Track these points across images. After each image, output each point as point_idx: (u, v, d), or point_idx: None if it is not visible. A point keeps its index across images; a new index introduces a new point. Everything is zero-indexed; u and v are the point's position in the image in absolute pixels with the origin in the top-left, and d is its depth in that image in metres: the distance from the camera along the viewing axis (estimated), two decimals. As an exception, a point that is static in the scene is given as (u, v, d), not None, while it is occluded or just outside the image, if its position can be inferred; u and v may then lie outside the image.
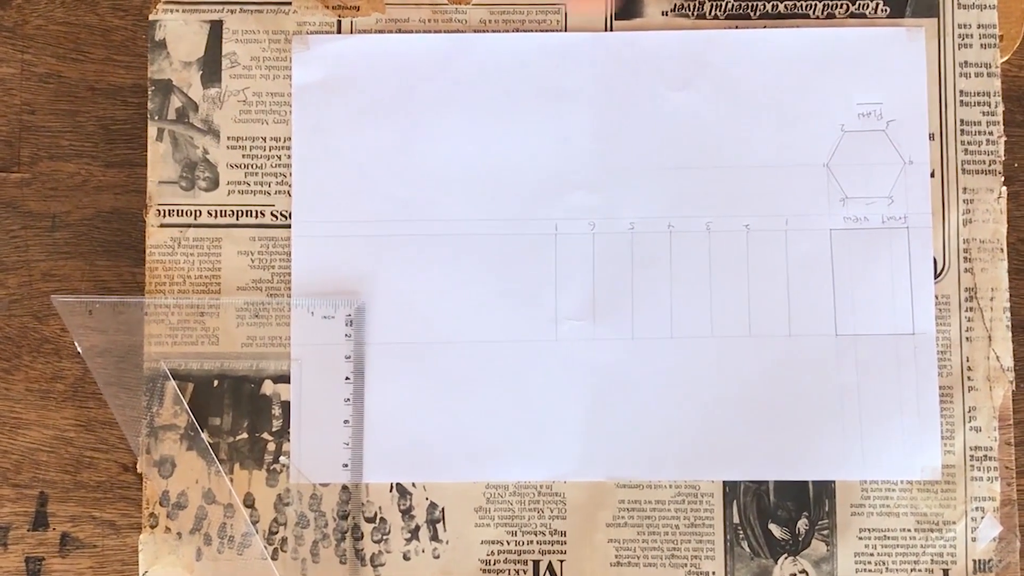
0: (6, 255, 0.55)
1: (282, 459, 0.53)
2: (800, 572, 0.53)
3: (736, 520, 0.53)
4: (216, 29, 0.55)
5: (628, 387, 0.53)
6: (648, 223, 0.54)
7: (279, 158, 0.54)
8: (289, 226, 0.54)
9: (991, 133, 0.54)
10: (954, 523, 0.53)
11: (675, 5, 0.54)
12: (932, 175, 0.54)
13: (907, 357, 0.53)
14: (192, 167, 0.54)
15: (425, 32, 0.55)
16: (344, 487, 0.53)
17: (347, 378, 0.53)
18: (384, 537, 0.53)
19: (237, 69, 0.54)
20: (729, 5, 0.54)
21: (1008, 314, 0.53)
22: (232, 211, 0.54)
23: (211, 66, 0.55)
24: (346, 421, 0.53)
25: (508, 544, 0.53)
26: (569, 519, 0.53)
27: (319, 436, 0.53)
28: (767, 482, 0.53)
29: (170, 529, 0.53)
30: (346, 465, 0.53)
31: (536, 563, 0.53)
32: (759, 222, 0.54)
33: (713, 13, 0.54)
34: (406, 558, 0.53)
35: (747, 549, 0.53)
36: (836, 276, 0.53)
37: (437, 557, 0.53)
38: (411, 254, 0.54)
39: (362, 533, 0.53)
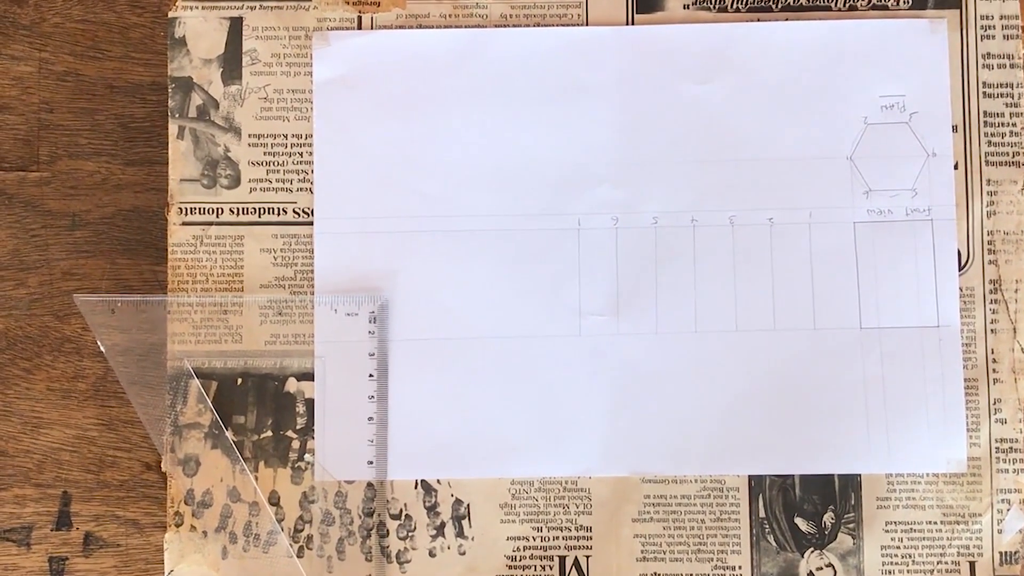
0: (26, 254, 0.55)
1: (307, 457, 0.53)
2: (827, 566, 0.53)
3: (762, 514, 0.53)
4: (236, 26, 0.54)
5: (652, 382, 0.53)
6: (671, 217, 0.54)
7: (301, 155, 0.54)
8: (311, 223, 0.54)
9: (1014, 124, 0.54)
10: (980, 515, 0.53)
11: (697, -2, 0.54)
12: (956, 167, 0.54)
13: (932, 349, 0.53)
14: (213, 165, 0.54)
15: (446, 27, 0.54)
16: (369, 484, 0.53)
17: (371, 375, 0.53)
18: (410, 534, 0.53)
19: (258, 66, 0.54)
20: (751, -2, 0.54)
21: (1033, 306, 0.53)
22: (254, 208, 0.54)
23: (231, 63, 0.54)
24: (370, 418, 0.53)
25: (534, 540, 0.53)
26: (595, 514, 0.53)
27: (344, 433, 0.53)
28: (792, 476, 0.53)
29: (195, 528, 0.53)
30: (371, 462, 0.53)
31: (562, 559, 0.53)
32: (783, 215, 0.53)
33: (735, 6, 0.54)
34: (432, 555, 0.53)
35: (773, 543, 0.53)
36: (860, 269, 0.53)
37: (463, 554, 0.53)
38: (434, 250, 0.54)
39: (388, 530, 0.53)
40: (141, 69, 0.56)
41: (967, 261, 0.53)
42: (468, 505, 0.53)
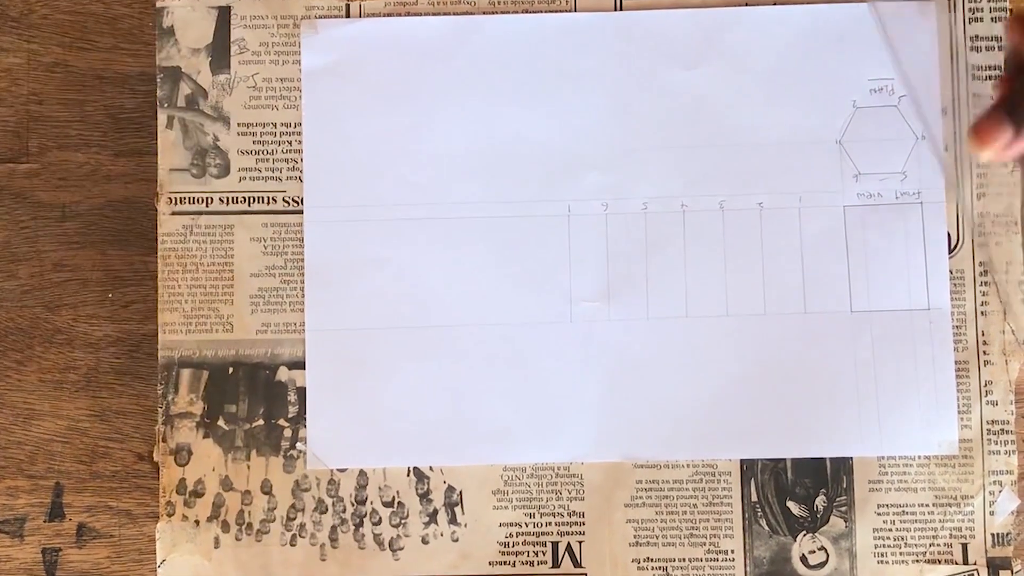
0: (17, 246, 0.55)
1: (299, 445, 0.53)
2: (819, 549, 0.53)
3: (754, 498, 0.53)
4: (224, 15, 0.54)
5: (644, 367, 0.53)
6: (661, 203, 0.54)
7: (290, 144, 0.54)
8: (301, 212, 0.54)
9: (1003, 107, 0.54)
10: (972, 497, 0.53)
11: (685, -17, 0.54)
12: (945, 149, 0.54)
13: (922, 332, 0.53)
14: (203, 154, 0.54)
15: (434, 15, 0.54)
16: (361, 472, 0.53)
17: (362, 363, 0.53)
18: (402, 521, 0.53)
19: (246, 55, 0.54)
20: (739, -18, 0.54)
21: (1023, 287, 0.53)
22: (244, 198, 0.54)
23: (220, 52, 0.54)
24: (362, 406, 0.53)
25: (527, 526, 0.53)
26: (587, 500, 0.53)
27: (335, 421, 0.53)
28: (784, 460, 0.53)
29: (187, 517, 0.53)
30: (363, 450, 0.53)
31: (555, 544, 0.53)
32: (772, 200, 0.53)
33: (723, -9, 0.54)
34: (425, 542, 0.53)
35: (765, 527, 0.53)
36: (850, 253, 0.53)
37: (456, 540, 0.53)
38: (424, 238, 0.54)
39: (380, 518, 0.53)
40: (130, 59, 0.56)
41: (957, 243, 0.53)
42: (460, 492, 0.53)
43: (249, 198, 0.54)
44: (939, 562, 0.53)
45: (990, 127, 0.43)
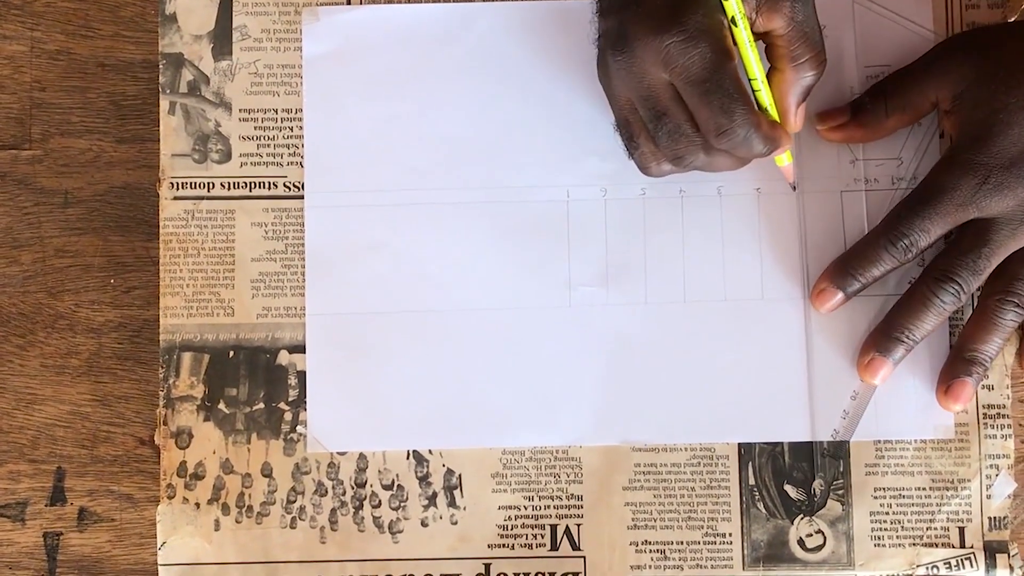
0: (19, 232, 0.56)
1: (299, 428, 0.53)
2: (816, 532, 0.53)
3: (752, 482, 0.53)
4: (226, 2, 0.55)
5: (642, 352, 0.53)
6: (660, 188, 0.54)
7: (291, 129, 0.55)
8: (302, 197, 0.54)
9: (999, 94, 0.54)
10: (969, 481, 0.53)
11: (683, -29, 0.55)
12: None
13: (919, 317, 0.53)
14: (204, 140, 0.54)
15: (435, 2, 0.55)
16: (361, 455, 0.53)
17: (362, 347, 0.54)
18: (402, 504, 0.53)
19: (248, 41, 0.55)
20: (736, -30, 0.55)
21: (1019, 272, 0.53)
22: (245, 183, 0.54)
23: (222, 39, 0.55)
24: (362, 390, 0.53)
25: (525, 509, 0.53)
26: (585, 483, 0.53)
27: (335, 405, 0.53)
28: (782, 443, 0.53)
29: (188, 500, 0.53)
30: (363, 433, 0.53)
31: (553, 527, 0.53)
32: (770, 185, 0.54)
33: (721, -22, 0.54)
34: (424, 525, 0.53)
35: (763, 510, 0.53)
36: (847, 238, 0.53)
37: (455, 523, 0.53)
38: (424, 223, 0.54)
39: (380, 501, 0.53)
40: (132, 47, 0.56)
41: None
42: (460, 475, 0.53)
43: (250, 183, 0.54)
44: (936, 545, 0.53)
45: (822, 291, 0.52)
